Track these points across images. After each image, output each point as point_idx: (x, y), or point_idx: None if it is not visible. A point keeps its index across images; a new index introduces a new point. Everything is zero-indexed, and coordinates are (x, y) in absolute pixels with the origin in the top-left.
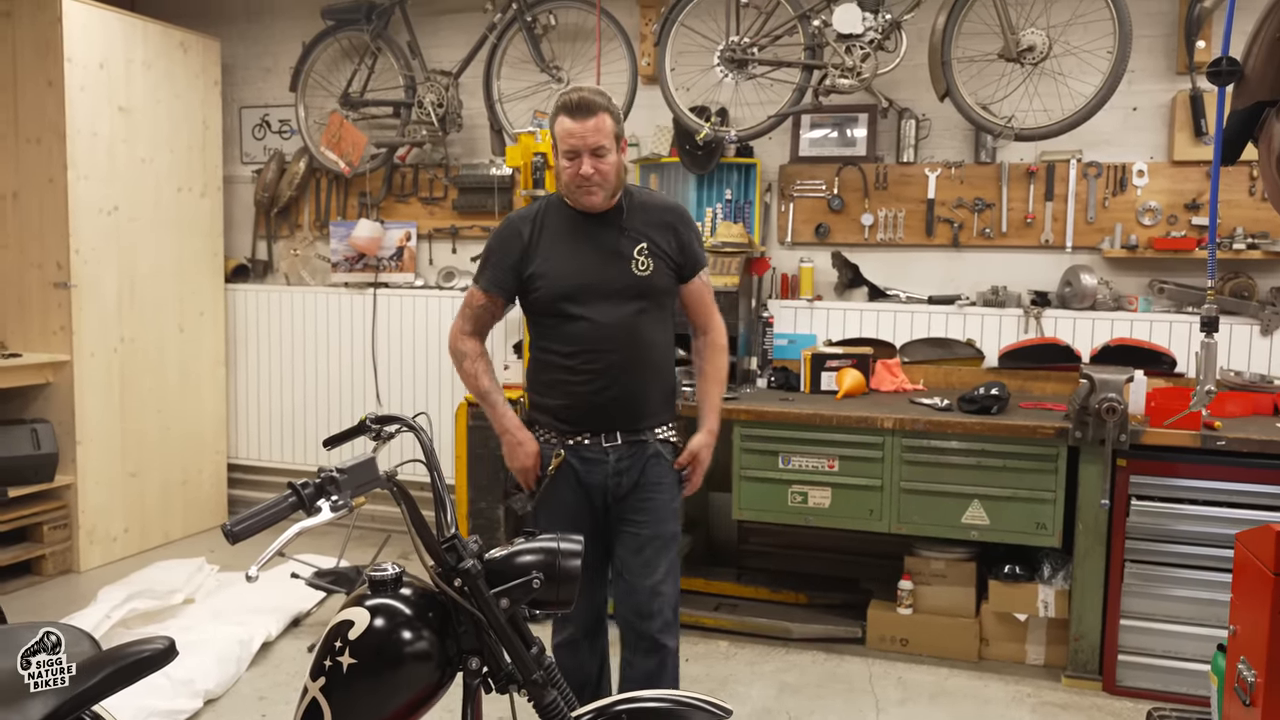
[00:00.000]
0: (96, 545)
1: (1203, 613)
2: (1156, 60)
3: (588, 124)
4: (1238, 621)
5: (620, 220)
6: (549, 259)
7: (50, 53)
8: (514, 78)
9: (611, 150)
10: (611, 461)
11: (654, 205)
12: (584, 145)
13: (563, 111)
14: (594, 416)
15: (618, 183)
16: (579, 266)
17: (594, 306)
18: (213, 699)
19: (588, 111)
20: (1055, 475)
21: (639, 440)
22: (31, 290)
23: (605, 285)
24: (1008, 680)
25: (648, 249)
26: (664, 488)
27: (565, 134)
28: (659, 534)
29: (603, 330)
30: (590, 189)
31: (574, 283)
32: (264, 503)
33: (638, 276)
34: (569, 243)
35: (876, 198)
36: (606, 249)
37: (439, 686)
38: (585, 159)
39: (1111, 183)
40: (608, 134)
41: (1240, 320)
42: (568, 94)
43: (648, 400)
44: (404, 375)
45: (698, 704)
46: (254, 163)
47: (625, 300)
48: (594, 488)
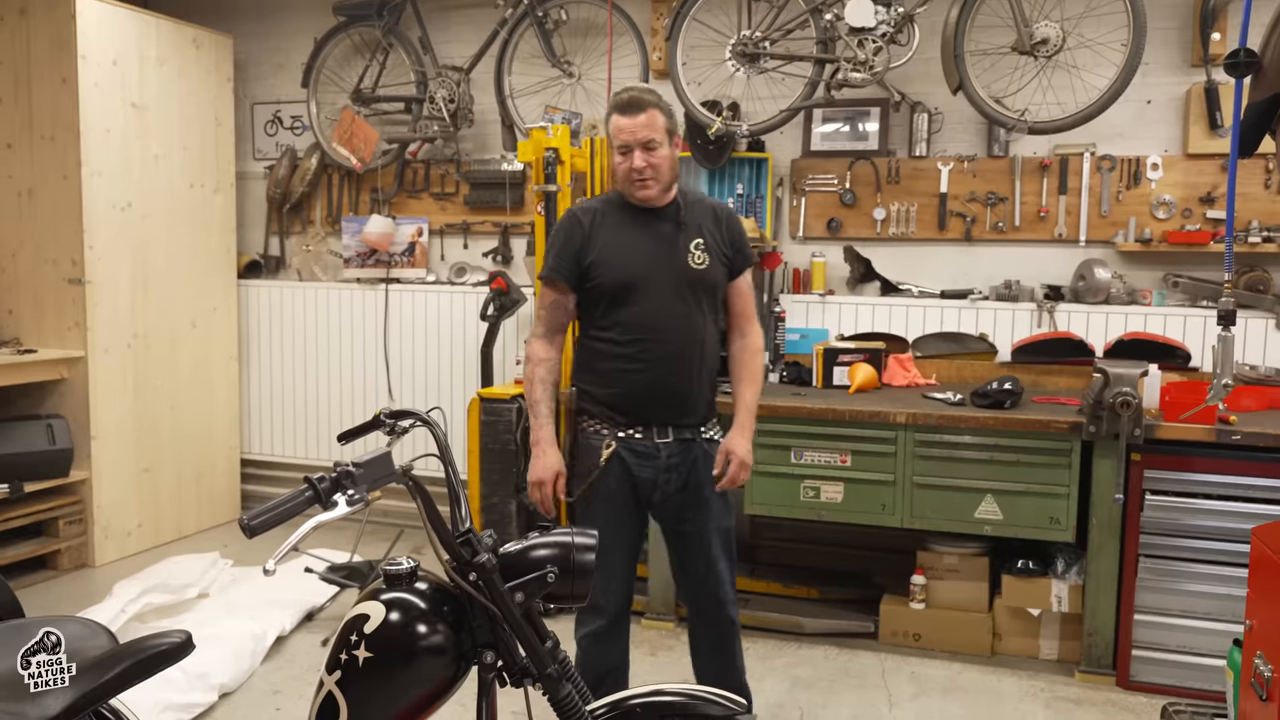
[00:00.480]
0: (111, 540)
1: (1218, 608)
2: (1171, 53)
3: (638, 119)
4: (1254, 616)
5: (678, 215)
6: (608, 248)
7: (64, 50)
8: (525, 73)
9: (663, 144)
10: (662, 458)
11: (706, 202)
12: (635, 140)
13: (615, 110)
14: (648, 408)
15: (671, 176)
16: (637, 256)
17: (651, 296)
18: (227, 692)
19: (638, 108)
20: (1069, 470)
21: (687, 438)
22: (46, 286)
23: (663, 275)
24: (1021, 675)
25: (703, 243)
26: (712, 485)
27: (617, 130)
28: (720, 527)
29: (659, 320)
30: (644, 182)
31: (632, 272)
32: (280, 497)
33: (694, 269)
34: (628, 234)
35: (889, 192)
36: (665, 241)
37: (454, 680)
38: (637, 153)
39: (1125, 176)
40: (658, 129)
41: (1255, 314)
42: (619, 93)
43: (698, 396)
44: (416, 370)
45: (713, 698)
46: (266, 159)
47: (681, 292)
48: (642, 482)
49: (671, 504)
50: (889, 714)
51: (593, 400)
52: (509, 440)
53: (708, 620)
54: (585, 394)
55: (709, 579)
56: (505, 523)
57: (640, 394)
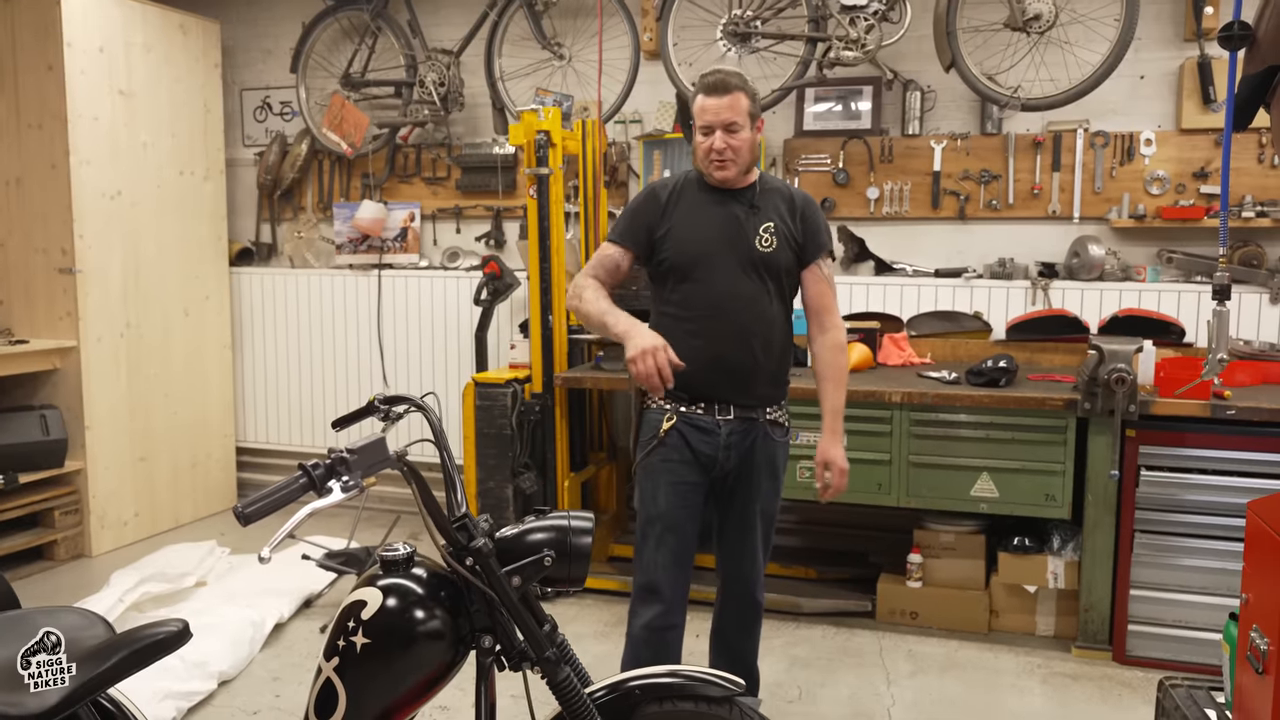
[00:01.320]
0: (108, 530)
1: (1213, 582)
2: (1164, 27)
3: (722, 101)
4: (1250, 590)
5: (752, 198)
6: (680, 224)
7: (50, 37)
8: (516, 55)
9: (745, 127)
10: (723, 434)
11: (784, 189)
12: (717, 121)
13: (701, 90)
14: (709, 383)
15: (750, 159)
16: (707, 234)
17: (717, 273)
18: (226, 680)
19: (723, 89)
20: (1064, 447)
21: (749, 417)
22: (37, 276)
23: (729, 255)
24: (1018, 651)
25: (774, 227)
26: (772, 467)
27: (700, 110)
28: (765, 510)
29: (722, 298)
30: (723, 163)
31: (700, 249)
32: (275, 484)
33: (761, 251)
34: (702, 212)
35: (882, 171)
36: (735, 222)
37: (452, 665)
38: (718, 134)
39: (1119, 152)
40: (741, 111)
41: (1249, 289)
42: (706, 74)
43: (761, 375)
44: (410, 356)
45: (710, 679)
46: (256, 145)
47: (747, 272)
48: (701, 456)
49: (729, 481)
50: (887, 692)
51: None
52: (504, 425)
53: (737, 600)
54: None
55: (744, 560)
56: (502, 508)
57: (702, 369)
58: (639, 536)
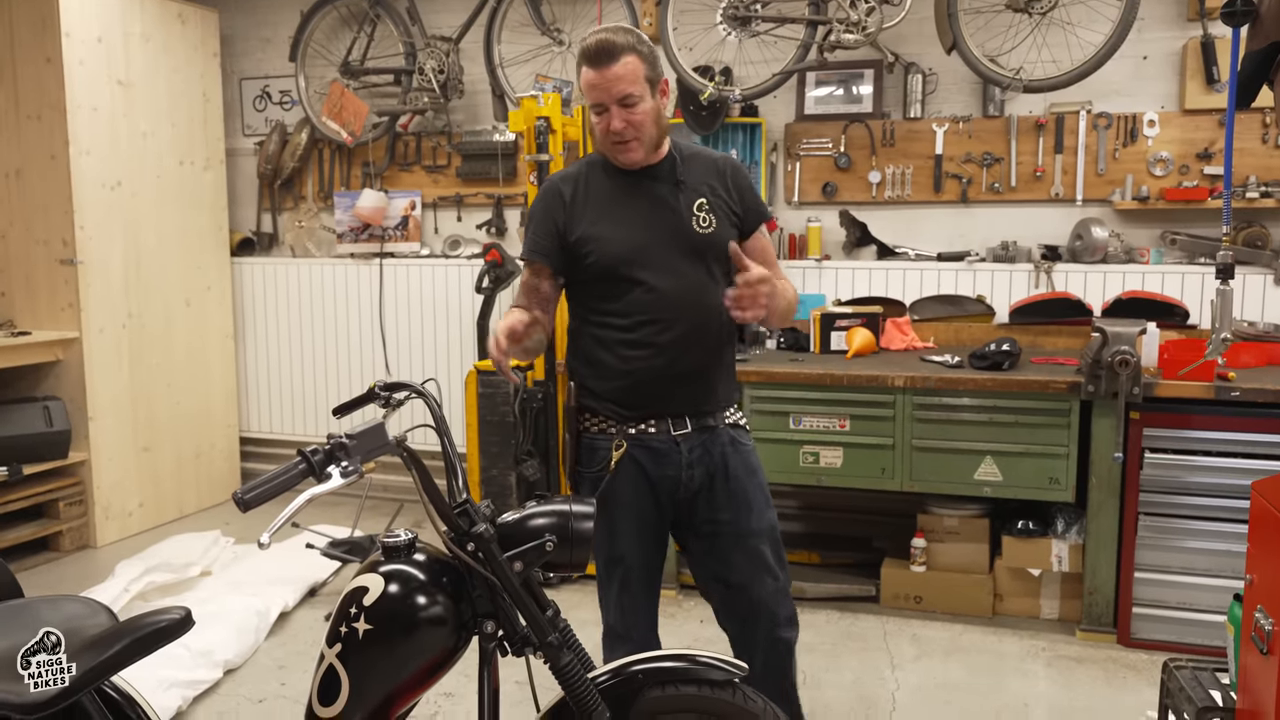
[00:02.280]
0: (112, 520)
1: (1217, 564)
2: (1167, 7)
3: (610, 71)
4: (1255, 570)
5: (674, 173)
6: (599, 221)
7: (48, 28)
8: (515, 42)
9: (644, 97)
10: (684, 453)
11: (705, 155)
12: (608, 97)
13: (583, 61)
14: (660, 398)
15: (658, 132)
16: (635, 227)
17: (656, 271)
18: (232, 669)
19: (609, 56)
20: (1068, 430)
21: (708, 427)
22: (38, 268)
23: (666, 246)
24: (1022, 635)
25: (708, 204)
26: (750, 476)
27: (588, 86)
28: (759, 526)
29: (668, 298)
30: (625, 144)
31: (631, 245)
32: (274, 470)
33: (700, 234)
34: (621, 202)
35: (884, 155)
36: (663, 206)
37: (455, 650)
38: (613, 111)
39: (1122, 133)
40: (635, 79)
41: (1253, 270)
42: (586, 39)
43: (717, 379)
44: (412, 344)
45: (713, 663)
46: (256, 135)
47: (689, 262)
48: (662, 483)
49: (699, 503)
50: (891, 676)
51: (595, 396)
52: (507, 412)
53: (757, 644)
54: (586, 390)
55: (759, 593)
56: (504, 494)
57: (651, 383)
58: (600, 576)
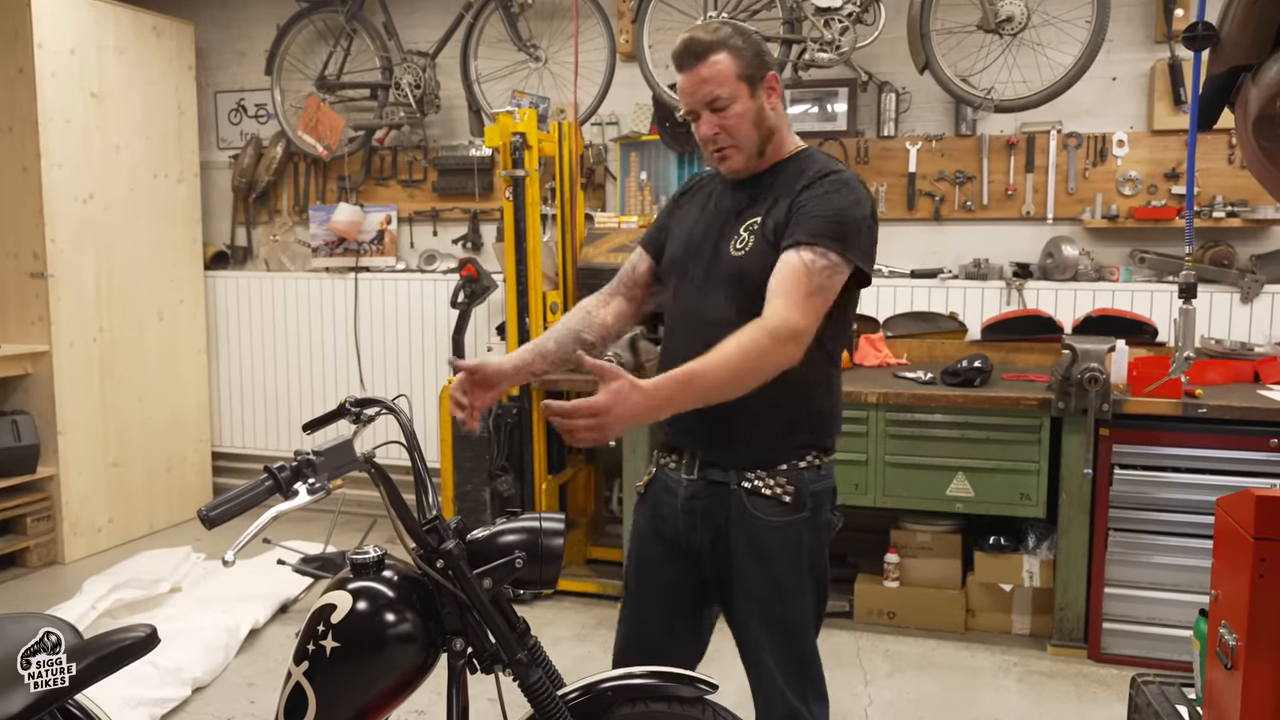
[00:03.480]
0: (81, 536)
1: (1186, 579)
2: (1135, 29)
3: (695, 73)
4: (1219, 586)
5: (758, 187)
6: (683, 218)
7: (20, 39)
8: (491, 57)
9: (737, 98)
10: (681, 499)
11: (812, 166)
12: (695, 101)
13: (675, 65)
14: (678, 426)
15: (759, 136)
16: (692, 234)
17: (683, 287)
18: (201, 687)
19: (693, 57)
20: (1039, 446)
21: (718, 481)
22: (8, 281)
23: (696, 263)
24: (994, 650)
25: (758, 223)
26: (759, 554)
27: (679, 92)
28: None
29: (687, 318)
30: (721, 152)
31: (674, 252)
32: (240, 487)
33: (731, 257)
34: (704, 205)
35: (858, 172)
36: (724, 218)
37: (424, 668)
38: (705, 116)
39: (1092, 153)
40: (724, 79)
41: (1220, 288)
42: (677, 43)
43: (739, 426)
44: (387, 358)
45: (684, 678)
46: (231, 148)
47: (715, 285)
48: (668, 525)
49: (706, 562)
50: (865, 692)
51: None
52: (481, 428)
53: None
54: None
55: (761, 685)
56: (479, 510)
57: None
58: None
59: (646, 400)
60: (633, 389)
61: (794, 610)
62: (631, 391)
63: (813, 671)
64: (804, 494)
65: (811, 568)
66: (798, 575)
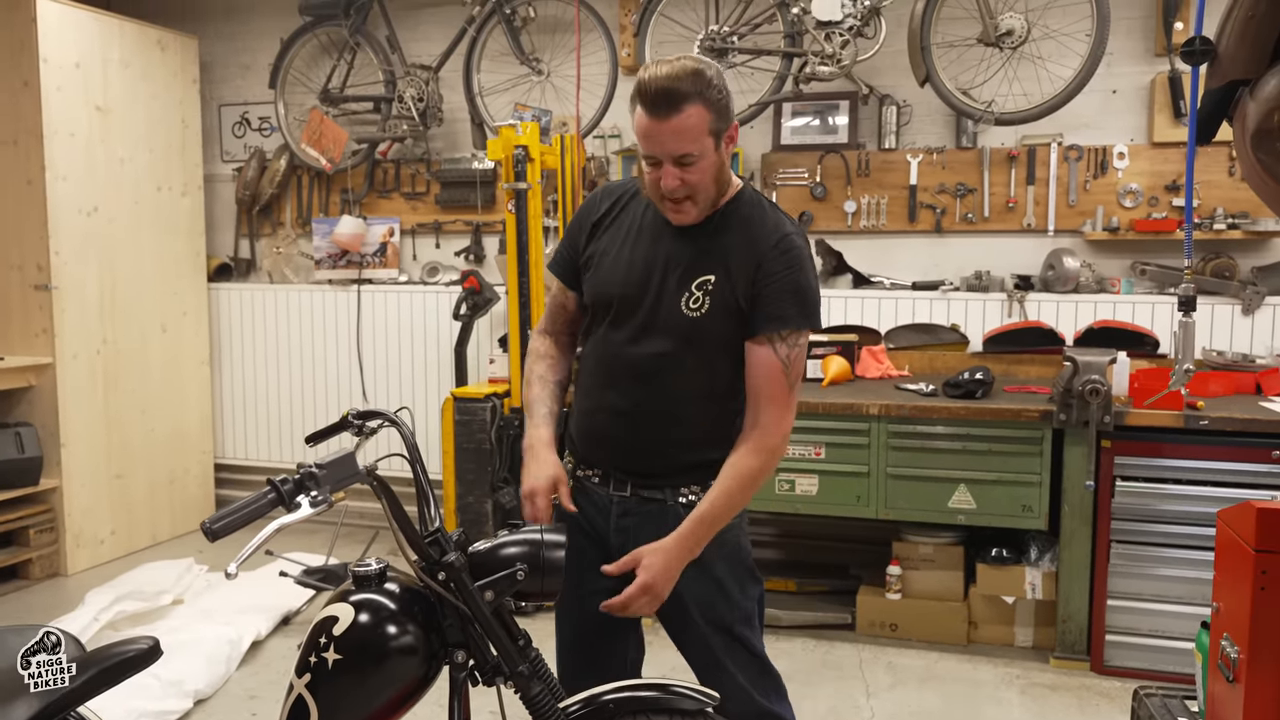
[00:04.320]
0: (84, 548)
1: (1188, 591)
2: (1135, 42)
3: (669, 124)
4: (1221, 599)
5: (705, 236)
6: (609, 248)
7: (25, 53)
8: (494, 71)
9: (706, 153)
10: (614, 517)
11: (758, 224)
12: (663, 152)
13: (639, 101)
14: (601, 451)
15: (718, 190)
16: (629, 273)
17: (624, 329)
18: (203, 699)
19: (669, 106)
20: (1040, 458)
21: (655, 499)
22: (12, 293)
23: (644, 310)
24: (996, 662)
25: (712, 282)
26: (707, 562)
27: (642, 133)
28: (715, 618)
29: (623, 361)
30: (679, 206)
31: (615, 290)
32: (243, 499)
33: (685, 315)
34: (641, 237)
35: (859, 185)
36: (667, 267)
37: (425, 680)
38: (667, 170)
39: (1092, 165)
40: (697, 135)
41: (1222, 300)
42: (646, 77)
43: (672, 451)
44: (390, 371)
45: (685, 692)
46: (234, 161)
47: (654, 335)
48: (600, 533)
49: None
50: (867, 704)
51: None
52: (483, 440)
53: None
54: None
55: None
56: (481, 522)
57: (591, 438)
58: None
59: (676, 558)
60: (658, 554)
61: (743, 613)
62: (659, 556)
63: (770, 669)
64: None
65: (748, 568)
66: (740, 578)
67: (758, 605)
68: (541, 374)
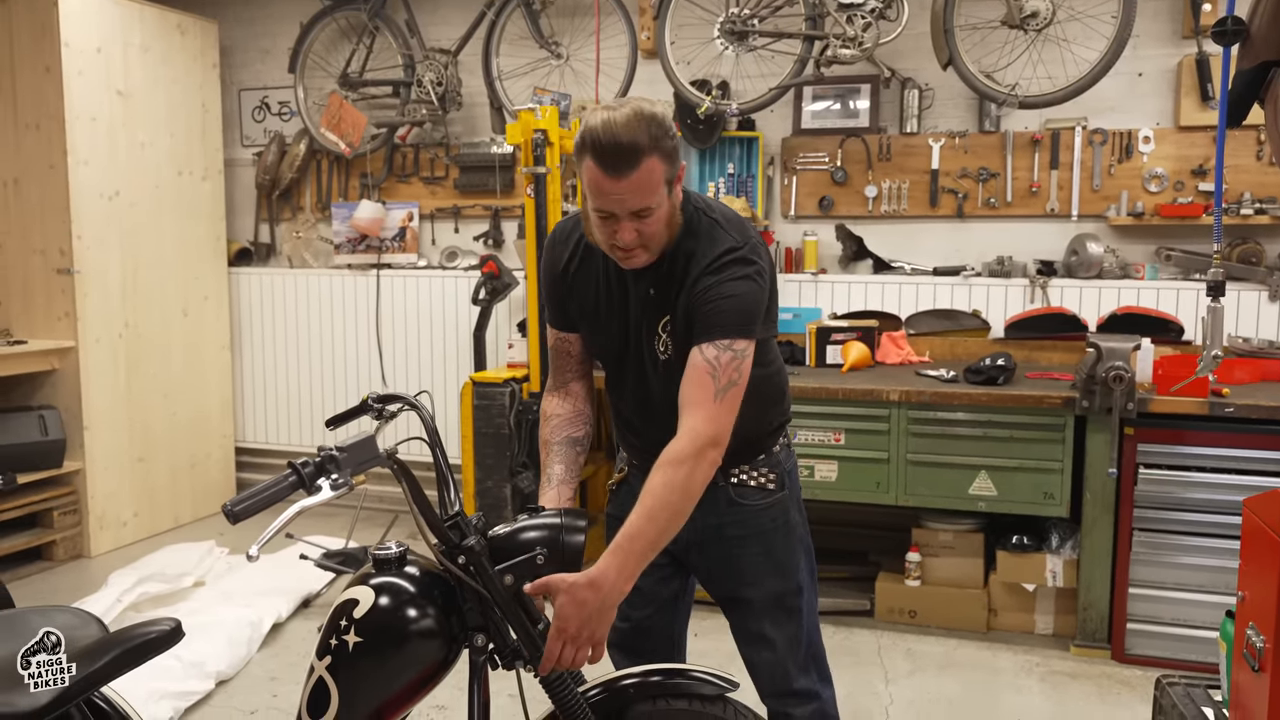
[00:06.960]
0: (106, 530)
1: (1211, 580)
2: (1162, 24)
3: (628, 182)
4: (1246, 588)
5: (660, 277)
6: (583, 307)
7: (47, 37)
8: (513, 54)
9: (662, 203)
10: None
11: (697, 257)
12: (621, 209)
13: (591, 154)
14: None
15: (670, 234)
16: (609, 333)
17: (627, 379)
18: (224, 680)
19: (626, 163)
20: (1063, 445)
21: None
22: (35, 277)
23: (632, 361)
24: (1016, 650)
25: (670, 323)
26: (753, 537)
27: (595, 189)
28: (769, 594)
29: (639, 404)
30: (629, 254)
31: (605, 349)
32: (264, 482)
33: (661, 359)
34: (599, 294)
35: (880, 169)
36: (634, 317)
37: (445, 663)
38: (624, 225)
39: (1117, 149)
40: (654, 188)
41: (1248, 286)
42: (597, 129)
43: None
44: (409, 356)
45: (705, 677)
46: (254, 145)
47: (652, 380)
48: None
49: (695, 559)
50: (885, 691)
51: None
52: (502, 424)
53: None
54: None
55: (762, 669)
56: (500, 507)
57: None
58: None
59: (602, 589)
60: (579, 588)
61: (793, 585)
62: (579, 590)
63: (816, 647)
64: (783, 475)
65: (800, 540)
66: (790, 551)
67: (810, 584)
68: (545, 439)
